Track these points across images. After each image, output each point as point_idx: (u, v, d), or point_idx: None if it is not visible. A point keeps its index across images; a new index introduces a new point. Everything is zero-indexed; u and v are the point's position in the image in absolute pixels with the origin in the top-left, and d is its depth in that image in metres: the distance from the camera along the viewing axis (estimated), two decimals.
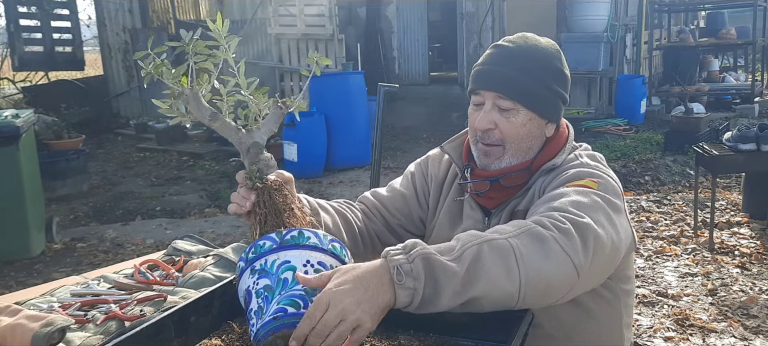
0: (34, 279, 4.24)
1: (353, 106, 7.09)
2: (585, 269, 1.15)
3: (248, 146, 1.25)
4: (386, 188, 1.71)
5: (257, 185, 1.27)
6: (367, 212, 1.65)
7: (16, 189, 4.43)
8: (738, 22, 11.16)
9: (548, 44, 1.49)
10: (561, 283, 1.13)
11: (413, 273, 1.05)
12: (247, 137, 1.26)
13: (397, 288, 1.04)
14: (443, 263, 1.07)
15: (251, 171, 1.27)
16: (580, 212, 1.20)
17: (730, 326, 3.33)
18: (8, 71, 10.65)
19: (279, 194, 1.26)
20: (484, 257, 1.08)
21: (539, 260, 1.10)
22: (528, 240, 1.12)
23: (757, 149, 4.32)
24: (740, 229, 4.83)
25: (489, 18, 9.24)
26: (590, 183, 1.32)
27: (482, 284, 1.06)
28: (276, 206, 1.25)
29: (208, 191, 6.54)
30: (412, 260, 1.06)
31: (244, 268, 1.11)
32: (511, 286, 1.08)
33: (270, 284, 1.06)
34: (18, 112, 4.65)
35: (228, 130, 1.25)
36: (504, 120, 1.43)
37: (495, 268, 1.07)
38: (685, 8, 11.34)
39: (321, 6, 8.31)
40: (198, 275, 1.71)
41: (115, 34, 10.46)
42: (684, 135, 6.84)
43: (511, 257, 1.09)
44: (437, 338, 1.20)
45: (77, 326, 1.45)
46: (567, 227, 1.15)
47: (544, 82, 1.43)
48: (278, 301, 1.04)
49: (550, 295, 1.15)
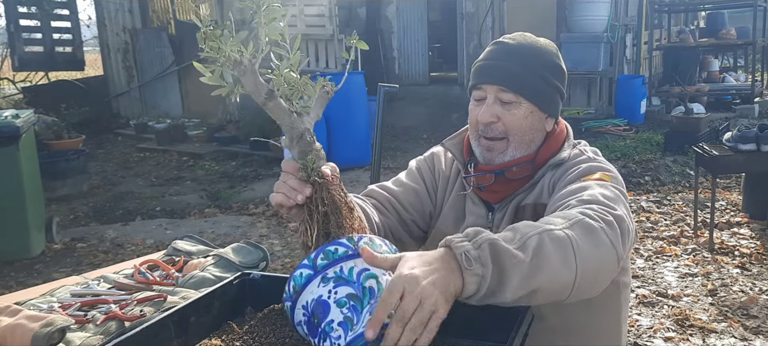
0: (34, 279, 4.24)
1: (353, 106, 7.09)
2: (623, 258, 1.18)
3: (301, 132, 1.15)
4: (394, 182, 1.67)
5: (315, 178, 1.16)
6: (380, 206, 1.61)
7: (16, 189, 4.43)
8: (738, 23, 11.16)
9: (546, 42, 1.54)
10: (607, 273, 1.16)
11: (481, 260, 1.01)
12: (300, 122, 1.14)
13: (466, 274, 1.00)
14: (510, 251, 1.04)
15: (308, 161, 1.16)
16: (613, 204, 1.23)
17: (730, 327, 3.33)
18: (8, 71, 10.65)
19: (338, 190, 1.18)
20: (545, 246, 1.07)
21: (592, 251, 1.11)
22: (581, 231, 1.13)
23: (757, 149, 4.33)
24: (740, 229, 4.83)
25: (489, 18, 9.24)
26: (605, 177, 1.36)
27: (545, 275, 1.05)
28: (336, 204, 1.16)
29: (208, 191, 6.54)
30: (479, 246, 1.02)
31: (311, 276, 1.02)
32: (568, 277, 1.08)
33: (354, 293, 0.99)
34: (18, 112, 4.66)
35: (281, 112, 1.13)
36: (506, 113, 1.45)
37: (556, 258, 1.07)
38: (685, 8, 11.34)
39: (321, 6, 8.31)
40: (198, 275, 1.71)
41: (115, 34, 10.47)
42: (684, 135, 6.84)
43: (569, 248, 1.09)
44: (437, 338, 1.20)
45: (77, 326, 1.45)
46: (610, 219, 1.17)
47: (544, 77, 1.47)
48: (370, 311, 0.97)
49: (596, 286, 1.16)
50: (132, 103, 10.41)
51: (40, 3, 9.94)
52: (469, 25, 9.56)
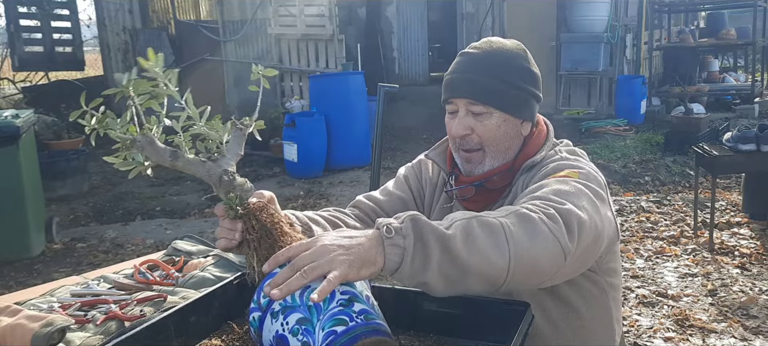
0: (34, 279, 4.24)
1: (353, 106, 7.09)
2: (571, 252, 1.16)
3: (219, 176, 1.18)
4: (381, 191, 1.70)
5: (240, 212, 1.19)
6: (362, 216, 1.63)
7: (16, 189, 4.43)
8: (738, 23, 11.15)
9: (514, 45, 1.52)
10: (548, 263, 1.14)
11: (402, 231, 1.04)
12: (215, 167, 1.18)
13: (386, 245, 1.03)
14: (432, 225, 1.07)
15: (230, 199, 1.19)
16: (562, 199, 1.22)
17: (730, 327, 3.33)
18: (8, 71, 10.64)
19: (265, 213, 1.20)
20: (474, 230, 1.08)
21: (528, 239, 1.10)
22: (516, 220, 1.13)
23: (757, 150, 4.32)
24: (740, 229, 4.83)
25: (489, 18, 9.24)
26: (571, 174, 1.35)
27: (473, 256, 1.05)
28: (265, 227, 1.18)
29: (208, 191, 6.54)
30: (402, 221, 1.07)
31: (262, 317, 1.03)
32: (501, 260, 1.07)
33: (303, 316, 0.99)
34: (18, 112, 4.65)
35: (192, 165, 1.17)
36: (479, 124, 1.46)
37: (485, 241, 1.07)
38: (685, 8, 11.33)
39: (321, 6, 8.31)
40: (198, 275, 1.71)
41: (115, 35, 10.46)
42: (684, 135, 6.84)
43: (501, 233, 1.09)
44: (437, 338, 1.20)
45: (77, 326, 1.45)
46: (552, 212, 1.16)
47: (513, 83, 1.46)
48: (321, 326, 0.97)
49: (537, 275, 1.15)
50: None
51: (40, 3, 9.93)
52: (469, 25, 9.56)
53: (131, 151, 1.15)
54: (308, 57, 8.66)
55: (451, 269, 1.05)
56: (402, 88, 6.39)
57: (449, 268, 1.05)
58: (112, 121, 1.12)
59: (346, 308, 0.99)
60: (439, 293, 1.07)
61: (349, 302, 1.00)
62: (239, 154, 1.22)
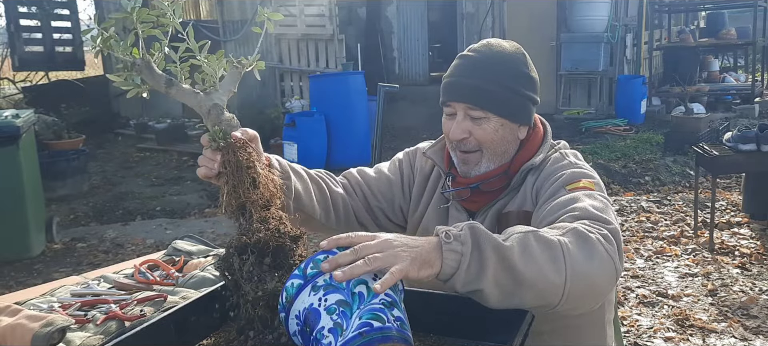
0: (34, 279, 4.24)
1: (353, 106, 7.09)
2: (621, 272, 1.18)
3: (208, 108, 1.24)
4: (373, 169, 1.72)
5: (221, 145, 1.25)
6: (349, 188, 1.65)
7: (16, 189, 4.43)
8: (738, 23, 11.15)
9: (513, 49, 1.51)
10: (604, 284, 1.16)
11: (461, 238, 1.06)
12: (206, 100, 1.25)
13: (445, 250, 1.04)
14: (490, 235, 1.08)
15: (214, 132, 1.25)
16: (606, 216, 1.24)
17: (730, 327, 3.33)
18: (8, 71, 10.64)
19: (243, 151, 1.24)
20: (531, 244, 1.09)
21: (585, 259, 1.11)
22: (574, 238, 1.13)
23: (757, 149, 4.32)
24: (740, 229, 4.83)
25: (489, 18, 9.24)
26: (589, 185, 1.36)
27: (529, 269, 1.06)
28: (240, 163, 1.22)
29: (208, 191, 6.54)
30: (461, 228, 1.08)
31: (302, 285, 1.03)
32: (558, 277, 1.08)
33: (344, 299, 1.01)
34: (18, 112, 4.65)
35: (185, 95, 1.24)
36: (477, 128, 1.47)
37: (542, 256, 1.08)
38: (685, 8, 11.33)
39: (321, 6, 8.31)
40: (198, 275, 1.71)
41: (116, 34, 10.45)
42: (684, 135, 6.84)
43: (558, 250, 1.10)
44: (437, 338, 1.20)
45: (77, 326, 1.45)
46: (606, 233, 1.18)
47: (511, 88, 1.46)
48: (359, 316, 0.99)
49: (592, 296, 1.16)
50: (132, 103, 10.37)
51: (40, 3, 9.92)
52: (469, 25, 9.56)
53: (131, 73, 1.21)
54: (308, 57, 8.66)
55: (506, 280, 1.06)
56: (402, 88, 6.38)
57: (504, 278, 1.06)
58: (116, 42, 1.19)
59: (387, 309, 1.02)
60: (493, 303, 1.08)
61: (390, 306, 1.03)
62: (232, 91, 1.28)
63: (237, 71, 1.28)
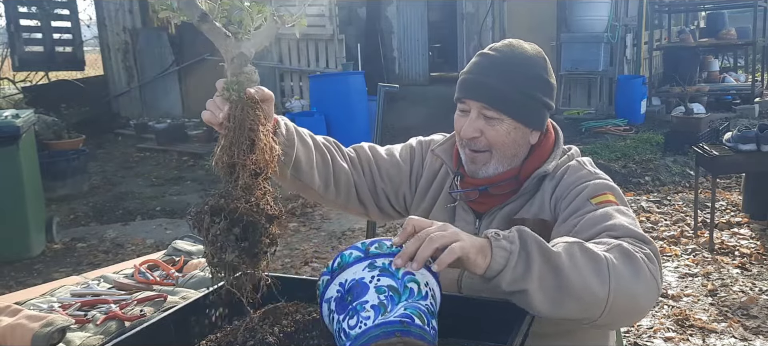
0: (34, 279, 4.24)
1: (353, 106, 7.09)
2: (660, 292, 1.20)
3: (234, 56, 1.21)
4: (385, 150, 1.70)
5: (233, 96, 1.21)
6: (357, 163, 1.63)
7: (16, 189, 4.43)
8: (738, 23, 11.15)
9: (534, 52, 1.49)
10: (646, 303, 1.18)
11: (509, 238, 1.09)
12: (235, 46, 1.21)
13: (494, 246, 1.07)
14: (538, 239, 1.10)
15: (231, 82, 1.21)
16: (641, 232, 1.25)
17: (730, 327, 3.33)
18: (8, 71, 10.63)
19: (251, 110, 1.20)
20: (576, 253, 1.11)
21: (631, 276, 1.13)
22: (619, 255, 1.15)
23: (757, 149, 4.32)
24: (740, 229, 4.83)
25: (489, 18, 9.24)
26: (611, 197, 1.38)
27: (574, 276, 1.08)
28: (244, 123, 1.18)
29: (208, 191, 6.54)
30: (510, 230, 1.11)
31: (361, 258, 1.07)
32: (601, 290, 1.10)
33: (396, 286, 1.04)
34: (18, 112, 4.66)
35: (216, 34, 1.20)
36: (489, 128, 1.45)
37: (587, 266, 1.10)
38: (685, 8, 11.33)
39: (321, 6, 8.31)
40: (198, 275, 1.71)
41: (115, 34, 10.45)
42: (684, 135, 6.83)
43: (603, 263, 1.12)
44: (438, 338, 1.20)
45: (77, 326, 1.45)
46: (649, 252, 1.20)
47: (528, 92, 1.45)
48: (405, 306, 1.03)
49: (634, 313, 1.19)
50: (132, 103, 10.39)
51: (40, 3, 9.93)
52: (469, 25, 9.56)
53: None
54: (308, 57, 8.66)
55: (551, 283, 1.08)
56: (402, 88, 6.38)
57: (549, 281, 1.08)
58: None
59: (430, 315, 1.06)
60: (537, 306, 1.09)
61: (433, 314, 1.07)
62: (264, 44, 1.24)
63: (275, 26, 1.25)
